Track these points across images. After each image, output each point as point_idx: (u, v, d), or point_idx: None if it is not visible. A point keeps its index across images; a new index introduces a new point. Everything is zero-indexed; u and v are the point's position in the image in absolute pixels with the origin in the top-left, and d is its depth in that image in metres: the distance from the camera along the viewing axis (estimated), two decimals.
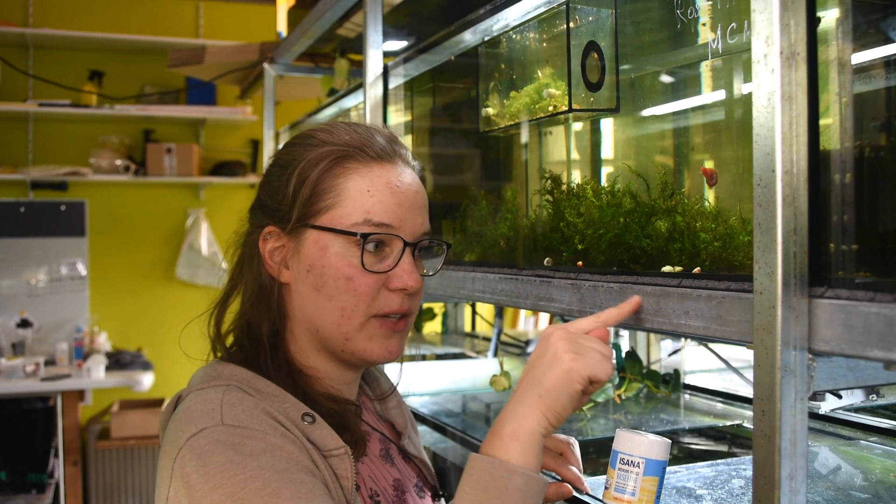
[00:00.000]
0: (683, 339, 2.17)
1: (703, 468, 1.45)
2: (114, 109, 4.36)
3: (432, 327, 3.60)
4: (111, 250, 4.63)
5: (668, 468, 1.06)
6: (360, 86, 2.00)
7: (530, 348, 2.95)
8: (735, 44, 0.99)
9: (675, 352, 2.24)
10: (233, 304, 1.07)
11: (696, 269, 0.99)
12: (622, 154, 1.38)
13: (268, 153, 3.34)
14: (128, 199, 4.70)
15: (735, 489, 1.33)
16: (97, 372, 3.89)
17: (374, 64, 1.91)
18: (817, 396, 0.79)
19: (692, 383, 2.18)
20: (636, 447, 0.96)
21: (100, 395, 4.52)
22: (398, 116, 1.98)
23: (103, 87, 4.49)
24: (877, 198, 0.82)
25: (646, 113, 1.34)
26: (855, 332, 0.71)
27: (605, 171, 1.40)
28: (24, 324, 4.17)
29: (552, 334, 0.91)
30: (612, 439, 0.99)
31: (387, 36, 1.95)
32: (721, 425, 1.85)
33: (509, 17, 1.46)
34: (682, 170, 1.24)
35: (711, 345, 2.10)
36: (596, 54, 1.26)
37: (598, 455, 1.61)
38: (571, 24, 1.26)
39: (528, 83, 1.41)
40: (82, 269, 4.48)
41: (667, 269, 1.04)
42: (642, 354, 2.25)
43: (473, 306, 3.56)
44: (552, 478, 1.12)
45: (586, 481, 1.10)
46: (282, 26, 3.22)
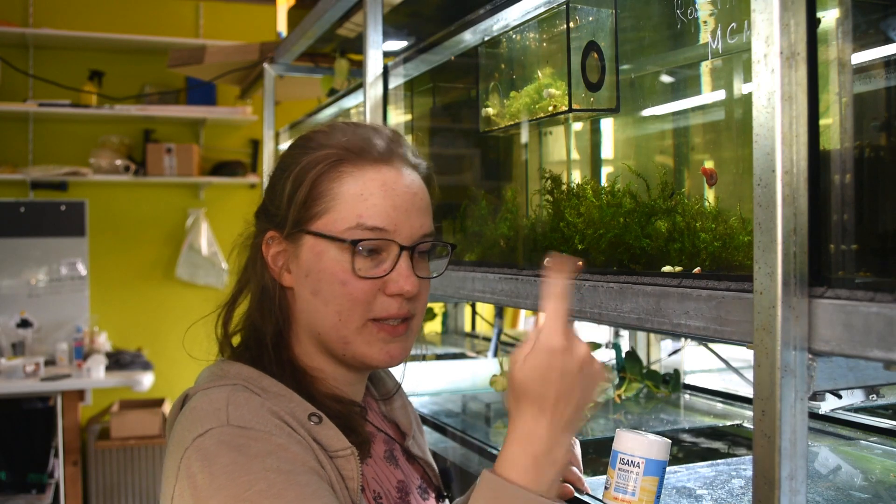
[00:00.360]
0: (683, 339, 2.17)
1: (703, 468, 1.45)
2: (114, 109, 4.36)
3: (432, 327, 3.60)
4: (111, 250, 4.63)
5: (668, 468, 1.06)
6: (360, 86, 2.00)
7: None
8: (735, 44, 0.99)
9: (675, 352, 2.24)
10: (240, 304, 1.07)
11: (697, 269, 0.99)
12: (622, 154, 1.38)
13: (268, 153, 3.34)
14: (128, 199, 4.70)
15: (735, 489, 1.33)
16: (97, 372, 3.89)
17: (374, 64, 1.91)
18: (817, 396, 0.79)
19: (692, 383, 2.18)
20: (636, 447, 0.96)
21: (100, 395, 4.52)
22: (398, 116, 1.98)
23: (103, 87, 4.48)
24: (877, 198, 0.82)
25: (646, 113, 1.34)
26: (855, 332, 0.71)
27: (605, 171, 1.40)
28: (24, 324, 4.17)
29: (566, 351, 0.86)
30: (612, 439, 0.99)
31: (387, 36, 1.95)
32: (721, 425, 1.85)
33: (509, 17, 1.46)
34: (681, 170, 1.24)
35: (711, 345, 2.09)
36: (596, 54, 1.26)
37: (598, 455, 1.61)
38: (571, 24, 1.26)
39: (528, 83, 1.41)
40: (82, 269, 4.48)
41: (667, 269, 1.04)
42: (642, 354, 2.25)
43: (473, 306, 3.56)
44: None
45: (586, 481, 1.10)
46: (282, 26, 3.22)
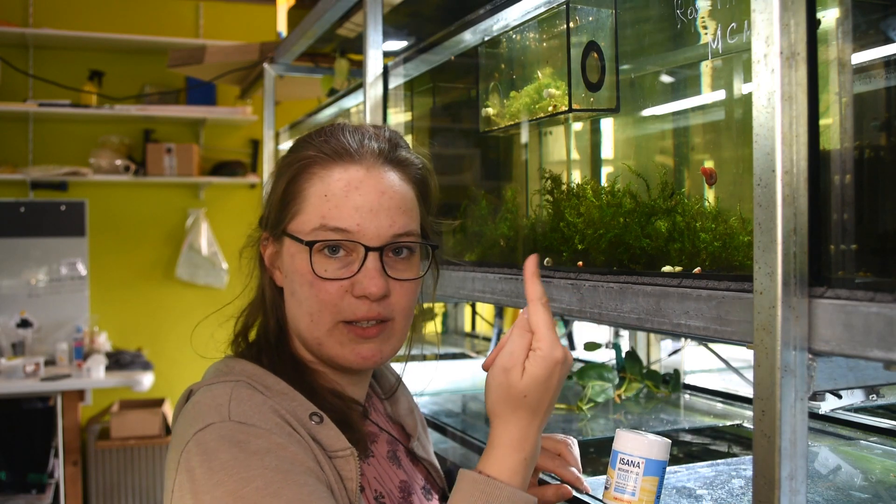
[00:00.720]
0: (683, 339, 2.17)
1: (703, 468, 1.45)
2: (114, 109, 4.36)
3: (432, 327, 3.59)
4: (111, 250, 4.63)
5: (668, 468, 1.06)
6: (360, 86, 2.00)
7: None
8: (735, 44, 0.99)
9: (675, 352, 2.24)
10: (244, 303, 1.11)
11: (697, 269, 0.99)
12: (622, 154, 1.38)
13: (268, 153, 3.34)
14: (128, 199, 4.70)
15: (735, 489, 1.33)
16: (97, 372, 3.89)
17: (374, 64, 1.91)
18: (817, 396, 0.79)
19: (692, 383, 2.18)
20: (636, 447, 0.96)
21: (100, 395, 4.52)
22: (398, 116, 1.98)
23: (103, 87, 4.48)
24: (877, 198, 0.82)
25: (646, 113, 1.34)
26: (855, 332, 0.71)
27: (605, 171, 1.40)
28: (24, 324, 4.17)
29: (565, 362, 0.90)
30: (612, 439, 0.99)
31: (387, 36, 1.95)
32: (721, 425, 1.85)
33: (509, 17, 1.46)
34: (681, 170, 1.24)
35: (711, 345, 2.10)
36: (596, 54, 1.26)
37: (598, 455, 1.61)
38: (571, 24, 1.26)
39: (527, 83, 1.41)
40: (82, 269, 4.48)
41: (667, 269, 1.04)
42: (642, 354, 2.25)
43: (473, 306, 3.56)
44: (551, 479, 1.12)
45: (586, 481, 1.10)
46: (282, 26, 3.22)
